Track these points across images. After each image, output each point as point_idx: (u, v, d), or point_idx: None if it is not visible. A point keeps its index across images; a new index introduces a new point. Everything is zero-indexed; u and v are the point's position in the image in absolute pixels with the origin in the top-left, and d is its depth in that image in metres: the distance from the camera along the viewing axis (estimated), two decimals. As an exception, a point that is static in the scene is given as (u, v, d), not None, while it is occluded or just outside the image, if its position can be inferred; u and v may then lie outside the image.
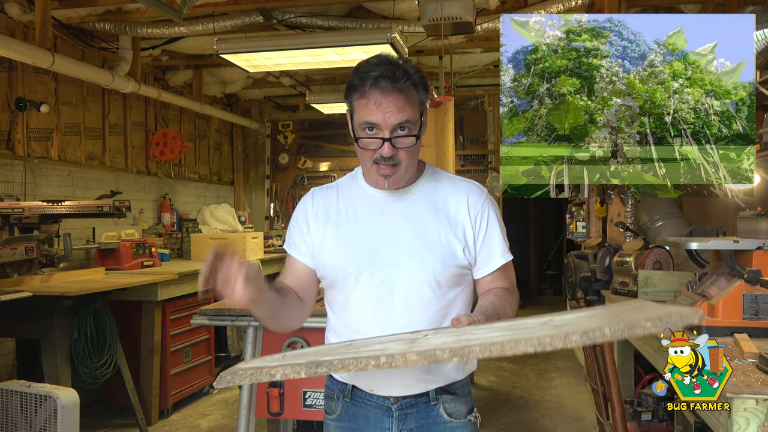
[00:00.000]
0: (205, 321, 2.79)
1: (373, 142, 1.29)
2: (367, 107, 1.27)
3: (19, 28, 4.04)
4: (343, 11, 4.32)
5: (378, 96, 1.26)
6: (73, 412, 2.53)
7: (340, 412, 1.45)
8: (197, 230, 5.59)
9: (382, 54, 1.33)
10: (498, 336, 1.02)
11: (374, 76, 1.26)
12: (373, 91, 1.26)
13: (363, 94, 1.28)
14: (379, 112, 1.27)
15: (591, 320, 1.02)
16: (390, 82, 1.26)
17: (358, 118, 1.31)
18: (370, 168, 1.34)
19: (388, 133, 1.28)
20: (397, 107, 1.27)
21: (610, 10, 3.47)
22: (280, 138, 7.64)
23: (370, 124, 1.28)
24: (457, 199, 1.41)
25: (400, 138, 1.29)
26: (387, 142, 1.28)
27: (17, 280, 3.31)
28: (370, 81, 1.26)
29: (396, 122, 1.27)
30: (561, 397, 4.45)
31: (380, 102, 1.26)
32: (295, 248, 1.46)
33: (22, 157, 4.06)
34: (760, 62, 2.52)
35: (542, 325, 1.05)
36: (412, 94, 1.29)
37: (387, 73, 1.26)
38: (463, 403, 1.43)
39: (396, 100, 1.27)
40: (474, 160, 7.13)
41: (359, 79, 1.29)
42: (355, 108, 1.32)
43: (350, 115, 1.35)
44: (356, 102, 1.30)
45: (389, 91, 1.26)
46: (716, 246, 2.04)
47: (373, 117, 1.27)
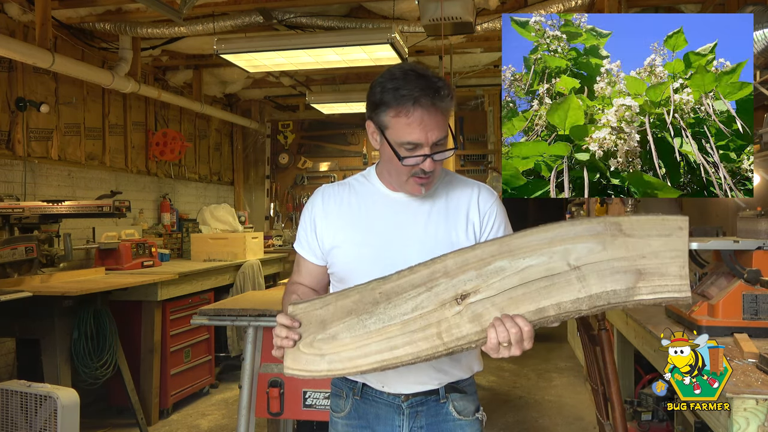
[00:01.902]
0: (205, 321, 2.79)
1: (416, 159, 1.30)
2: (410, 126, 1.27)
3: (19, 28, 4.04)
4: (343, 11, 4.32)
5: (420, 115, 1.26)
6: (73, 412, 2.53)
7: (349, 410, 1.46)
8: (197, 230, 5.59)
9: (406, 65, 1.32)
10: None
11: (415, 96, 1.25)
12: (416, 110, 1.26)
13: (404, 113, 1.27)
14: (422, 131, 1.27)
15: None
16: (430, 100, 1.26)
17: (397, 136, 1.30)
18: (406, 181, 1.35)
19: (429, 149, 1.29)
20: (437, 124, 1.28)
21: (610, 10, 3.46)
22: (280, 138, 7.64)
23: (413, 144, 1.29)
24: (468, 200, 1.43)
25: (440, 153, 1.30)
26: (429, 159, 1.29)
27: (17, 280, 3.31)
28: (410, 100, 1.26)
29: (437, 139, 1.29)
30: (561, 397, 4.45)
31: (423, 121, 1.26)
32: (306, 248, 1.48)
33: (22, 157, 4.06)
34: (759, 62, 2.52)
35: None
36: (449, 107, 1.30)
37: (427, 91, 1.26)
38: (470, 401, 1.46)
39: (437, 118, 1.28)
40: (474, 160, 7.13)
41: (394, 97, 1.27)
42: (390, 125, 1.30)
43: (380, 130, 1.33)
44: (392, 120, 1.29)
45: (430, 109, 1.26)
46: (716, 246, 2.04)
47: (416, 137, 1.27)
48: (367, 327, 1.20)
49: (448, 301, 1.16)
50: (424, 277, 1.19)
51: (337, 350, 1.21)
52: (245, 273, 5.09)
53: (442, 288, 1.17)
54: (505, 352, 1.13)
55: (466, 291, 1.16)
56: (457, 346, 1.15)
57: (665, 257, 1.09)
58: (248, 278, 5.09)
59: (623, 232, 1.10)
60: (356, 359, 1.20)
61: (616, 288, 1.09)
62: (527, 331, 1.11)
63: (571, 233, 1.12)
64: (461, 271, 1.17)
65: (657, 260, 1.09)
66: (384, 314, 1.20)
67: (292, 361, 1.25)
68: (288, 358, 1.25)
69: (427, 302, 1.17)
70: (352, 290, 1.23)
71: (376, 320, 1.20)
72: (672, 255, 1.08)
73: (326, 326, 1.23)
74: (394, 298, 1.20)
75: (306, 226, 1.47)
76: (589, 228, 1.12)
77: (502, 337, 1.11)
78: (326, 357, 1.22)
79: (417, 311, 1.18)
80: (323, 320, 1.24)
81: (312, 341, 1.23)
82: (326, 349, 1.22)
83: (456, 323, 1.15)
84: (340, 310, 1.23)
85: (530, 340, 1.12)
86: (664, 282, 1.09)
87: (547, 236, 1.14)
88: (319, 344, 1.23)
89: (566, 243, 1.12)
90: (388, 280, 1.21)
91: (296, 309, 1.26)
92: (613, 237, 1.10)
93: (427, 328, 1.17)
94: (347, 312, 1.22)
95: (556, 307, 1.12)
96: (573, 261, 1.11)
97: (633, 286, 1.09)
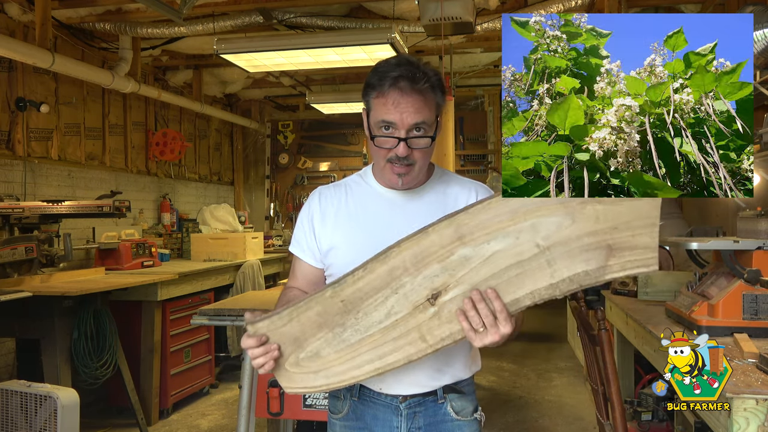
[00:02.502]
0: (205, 321, 2.79)
1: (388, 140, 1.30)
2: (385, 106, 1.28)
3: (19, 28, 4.04)
4: (343, 11, 4.32)
5: (396, 96, 1.27)
6: (73, 412, 2.53)
7: (347, 412, 1.46)
8: (197, 230, 5.59)
9: (402, 55, 1.35)
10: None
11: (394, 76, 1.27)
12: (392, 90, 1.27)
13: (381, 93, 1.29)
14: (397, 111, 1.27)
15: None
16: (409, 83, 1.27)
17: (374, 116, 1.31)
18: (383, 167, 1.34)
19: (404, 133, 1.29)
20: (414, 108, 1.28)
21: (610, 10, 3.47)
22: (280, 138, 7.64)
23: (386, 123, 1.29)
24: (465, 198, 1.42)
25: (416, 138, 1.30)
26: (403, 142, 1.29)
27: (17, 280, 3.31)
28: (389, 80, 1.27)
29: (412, 122, 1.28)
30: (561, 397, 4.44)
31: (398, 102, 1.27)
32: (302, 250, 1.47)
33: (22, 157, 4.06)
34: (759, 62, 2.52)
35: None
36: (430, 95, 1.30)
37: (406, 73, 1.27)
38: (469, 401, 1.45)
39: (414, 100, 1.28)
40: (474, 160, 7.13)
41: (378, 78, 1.29)
42: (372, 106, 1.32)
43: (366, 114, 1.36)
44: (374, 101, 1.31)
45: (408, 92, 1.27)
46: (716, 246, 2.04)
47: (390, 116, 1.28)
48: (345, 341, 1.16)
49: (421, 303, 1.11)
50: (384, 277, 1.11)
51: (327, 366, 1.19)
52: (245, 273, 5.09)
53: (408, 288, 1.10)
54: (483, 338, 1.08)
55: (436, 289, 1.09)
56: (444, 345, 1.13)
57: (636, 227, 1.02)
58: (248, 278, 5.09)
59: (594, 199, 1.02)
60: (350, 371, 1.18)
61: (587, 269, 1.04)
62: (500, 311, 1.06)
63: (536, 202, 1.03)
64: (423, 265, 1.08)
65: (628, 232, 1.02)
66: (358, 325, 1.14)
67: (288, 381, 1.22)
68: (282, 379, 1.23)
69: (398, 307, 1.12)
70: (309, 301, 1.15)
71: (352, 332, 1.15)
72: (643, 224, 1.02)
73: (302, 344, 1.18)
74: (361, 305, 1.13)
75: (304, 227, 1.47)
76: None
77: (475, 321, 1.07)
78: (320, 373, 1.20)
79: (391, 317, 1.12)
80: (296, 338, 1.18)
81: (297, 361, 1.20)
82: (315, 366, 1.19)
83: (436, 324, 1.11)
84: (309, 325, 1.17)
85: (506, 322, 1.07)
86: (635, 257, 1.03)
87: (509, 207, 1.04)
88: (306, 363, 1.19)
89: (531, 216, 1.04)
90: (343, 285, 1.13)
91: (257, 328, 1.18)
92: (582, 204, 1.03)
93: (408, 333, 1.13)
94: (317, 326, 1.16)
95: (531, 296, 1.07)
96: (541, 240, 1.04)
97: (604, 264, 1.03)
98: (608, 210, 1.03)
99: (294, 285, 1.49)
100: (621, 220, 1.03)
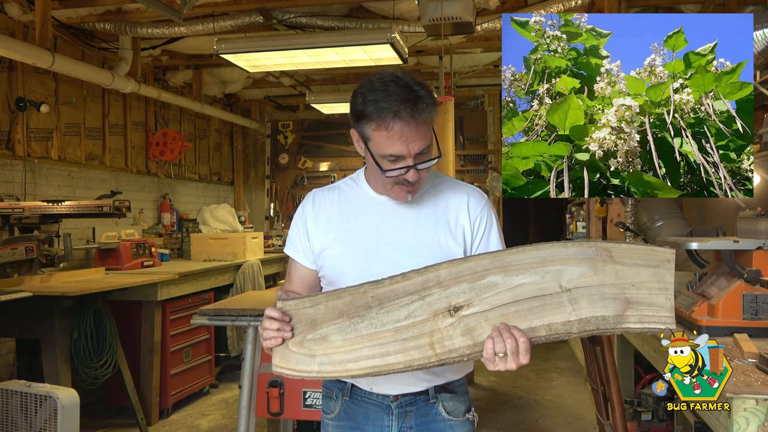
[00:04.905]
0: (205, 321, 2.79)
1: (399, 171, 1.29)
2: (390, 140, 1.26)
3: (19, 28, 4.04)
4: (343, 11, 4.32)
5: (400, 128, 1.25)
6: (73, 412, 2.53)
7: (339, 411, 1.46)
8: (197, 230, 5.59)
9: (386, 75, 1.29)
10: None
11: (394, 110, 1.24)
12: (395, 123, 1.24)
13: (384, 126, 1.25)
14: (404, 144, 1.26)
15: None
16: (411, 112, 1.24)
17: (378, 148, 1.29)
18: (391, 188, 1.35)
19: (412, 161, 1.28)
20: (419, 136, 1.27)
21: (610, 10, 3.47)
22: (280, 138, 7.64)
23: (395, 156, 1.28)
24: (457, 203, 1.42)
25: (423, 163, 1.30)
26: (413, 169, 1.29)
27: (17, 280, 3.31)
28: (390, 114, 1.24)
29: (419, 150, 1.28)
30: (561, 397, 4.45)
31: (403, 134, 1.25)
32: (297, 252, 1.47)
33: (22, 157, 4.06)
34: (759, 62, 2.52)
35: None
36: (429, 118, 1.29)
37: (406, 104, 1.24)
38: (461, 401, 1.45)
39: (418, 129, 1.26)
40: (474, 160, 7.12)
41: (375, 110, 1.25)
42: (371, 137, 1.29)
43: (363, 140, 1.33)
44: (373, 132, 1.28)
45: (411, 122, 1.25)
46: (716, 246, 2.04)
47: (397, 149, 1.26)
48: (358, 331, 1.20)
49: (441, 312, 1.17)
50: (417, 284, 1.19)
51: (328, 352, 1.21)
52: (245, 273, 5.09)
53: (435, 298, 1.18)
54: (501, 364, 1.13)
55: (459, 303, 1.17)
56: (449, 359, 1.16)
57: (653, 288, 1.13)
58: (248, 278, 5.09)
59: (613, 259, 1.14)
60: (347, 363, 1.20)
61: (605, 314, 1.13)
62: (523, 342, 1.12)
63: (563, 254, 1.15)
64: (454, 282, 1.18)
65: (645, 290, 1.13)
66: (376, 319, 1.20)
67: (281, 359, 1.23)
68: (277, 355, 1.24)
69: (420, 311, 1.18)
70: (343, 291, 1.23)
71: (368, 324, 1.20)
72: (659, 287, 1.13)
73: (316, 326, 1.22)
74: (387, 303, 1.20)
75: (298, 229, 1.47)
76: (581, 251, 1.15)
77: (499, 347, 1.12)
78: (317, 358, 1.21)
79: (410, 319, 1.18)
80: (314, 320, 1.23)
81: (302, 340, 1.22)
82: (316, 349, 1.22)
83: (449, 335, 1.16)
84: (332, 311, 1.22)
85: (526, 353, 1.13)
86: (651, 312, 1.13)
87: (539, 255, 1.16)
88: (310, 344, 1.22)
89: (558, 264, 1.15)
90: (380, 285, 1.21)
91: (286, 305, 1.24)
92: (604, 263, 1.14)
93: (420, 337, 1.17)
94: (339, 313, 1.22)
95: (547, 327, 1.14)
96: (565, 283, 1.14)
97: (621, 313, 1.13)
98: (627, 270, 1.14)
99: (290, 288, 1.49)
100: (639, 279, 1.13)
